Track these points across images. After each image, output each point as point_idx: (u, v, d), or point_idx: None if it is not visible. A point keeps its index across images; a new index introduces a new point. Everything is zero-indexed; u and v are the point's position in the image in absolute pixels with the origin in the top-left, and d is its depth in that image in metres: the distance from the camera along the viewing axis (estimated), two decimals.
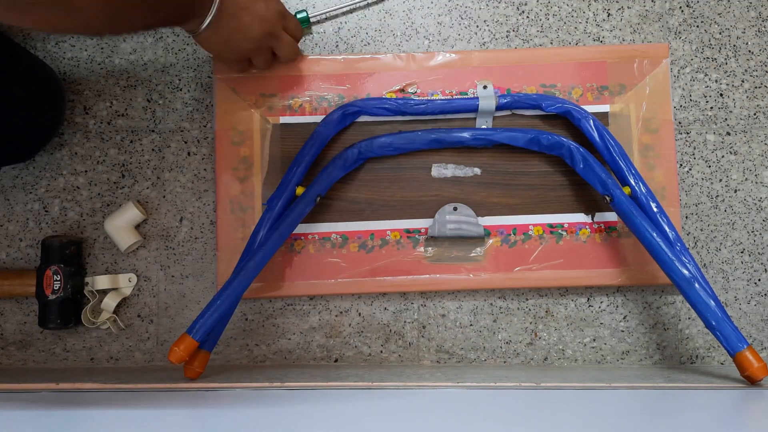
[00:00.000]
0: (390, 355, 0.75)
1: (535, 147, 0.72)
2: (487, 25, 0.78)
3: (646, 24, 0.77)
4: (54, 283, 0.71)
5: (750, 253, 0.75)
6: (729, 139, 0.76)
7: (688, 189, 0.76)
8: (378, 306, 0.75)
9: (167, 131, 0.76)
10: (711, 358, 0.75)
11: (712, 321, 0.62)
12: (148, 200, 0.75)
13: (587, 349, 0.75)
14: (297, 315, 0.75)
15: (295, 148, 0.73)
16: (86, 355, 0.75)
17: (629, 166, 0.69)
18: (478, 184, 0.74)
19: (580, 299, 0.75)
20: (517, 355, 0.75)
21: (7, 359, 0.75)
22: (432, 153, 0.74)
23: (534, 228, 0.74)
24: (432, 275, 0.73)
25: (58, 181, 0.76)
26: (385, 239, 0.74)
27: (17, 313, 0.75)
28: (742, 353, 0.61)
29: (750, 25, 0.77)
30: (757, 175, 0.76)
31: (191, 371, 0.65)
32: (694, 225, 0.76)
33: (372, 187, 0.74)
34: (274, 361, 0.74)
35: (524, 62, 0.75)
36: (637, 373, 0.69)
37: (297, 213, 0.68)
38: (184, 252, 0.75)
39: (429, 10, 0.78)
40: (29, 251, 0.75)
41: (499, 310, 0.75)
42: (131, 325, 0.75)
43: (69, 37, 0.77)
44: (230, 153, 0.74)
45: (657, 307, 0.75)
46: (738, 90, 0.77)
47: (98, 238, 0.75)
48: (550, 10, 0.78)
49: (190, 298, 0.75)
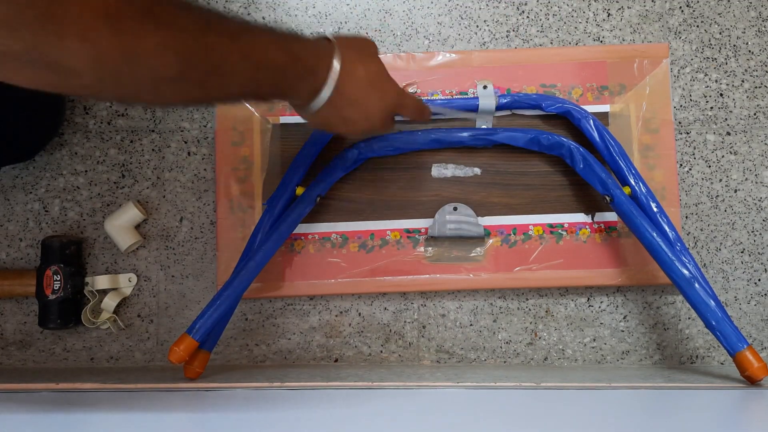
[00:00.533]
0: (390, 355, 0.75)
1: (535, 147, 0.72)
2: (487, 25, 0.78)
3: (646, 24, 0.77)
4: (54, 283, 0.71)
5: (750, 253, 0.75)
6: (729, 139, 0.76)
7: (688, 189, 0.76)
8: (378, 306, 0.75)
9: (167, 131, 0.76)
10: (711, 358, 0.75)
11: (712, 321, 0.62)
12: (148, 200, 0.75)
13: (587, 349, 0.75)
14: (297, 315, 0.75)
15: (295, 148, 0.73)
16: (86, 355, 0.75)
17: (629, 166, 0.69)
18: (478, 184, 0.74)
19: (580, 299, 0.75)
20: (517, 355, 0.75)
21: (7, 359, 0.75)
22: (432, 153, 0.74)
23: (534, 228, 0.74)
24: (432, 275, 0.73)
25: (58, 181, 0.76)
26: (385, 239, 0.74)
27: (17, 313, 0.75)
28: (742, 353, 0.61)
29: (750, 25, 0.77)
30: (757, 175, 0.76)
31: (191, 371, 0.65)
32: (694, 225, 0.76)
33: (372, 187, 0.74)
34: (274, 361, 0.74)
35: (524, 62, 0.75)
36: (637, 373, 0.69)
37: (297, 213, 0.68)
38: (184, 252, 0.75)
39: (429, 10, 0.78)
40: (29, 251, 0.75)
41: (499, 310, 0.75)
42: (131, 325, 0.75)
43: None
44: (230, 153, 0.74)
45: (657, 307, 0.75)
46: (738, 90, 0.77)
47: (98, 238, 0.75)
48: (550, 10, 0.78)
49: (190, 298, 0.75)
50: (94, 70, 0.36)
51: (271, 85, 0.48)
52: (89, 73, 0.36)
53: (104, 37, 0.35)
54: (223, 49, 0.41)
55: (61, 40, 0.33)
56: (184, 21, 0.39)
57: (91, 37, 0.34)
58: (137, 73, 0.37)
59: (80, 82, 0.36)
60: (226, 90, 0.45)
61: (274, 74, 0.47)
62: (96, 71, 0.36)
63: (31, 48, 0.33)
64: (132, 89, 0.39)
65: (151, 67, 0.38)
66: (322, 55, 0.51)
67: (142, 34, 0.36)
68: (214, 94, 0.45)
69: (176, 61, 0.39)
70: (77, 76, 0.36)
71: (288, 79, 0.48)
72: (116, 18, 0.35)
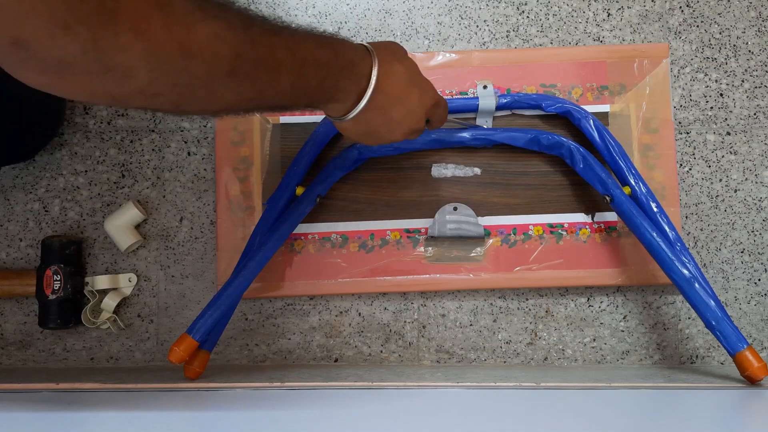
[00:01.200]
0: (390, 355, 0.75)
1: (535, 147, 0.72)
2: (487, 25, 0.78)
3: (646, 24, 0.77)
4: (54, 283, 0.71)
5: (750, 253, 0.75)
6: (729, 139, 0.76)
7: (688, 189, 0.76)
8: (378, 306, 0.75)
9: (167, 131, 0.76)
10: (711, 358, 0.75)
11: (712, 321, 0.62)
12: (148, 200, 0.76)
13: (587, 349, 0.75)
14: (297, 315, 0.75)
15: (295, 148, 0.73)
16: (86, 355, 0.75)
17: (629, 166, 0.69)
18: (478, 184, 0.74)
19: (580, 299, 0.75)
20: (517, 355, 0.75)
21: (7, 359, 0.75)
22: (432, 153, 0.74)
23: (534, 228, 0.74)
24: (432, 275, 0.73)
25: (58, 181, 0.76)
26: (385, 239, 0.74)
27: (17, 313, 0.75)
28: (742, 353, 0.61)
29: (750, 25, 0.77)
30: (757, 175, 0.76)
31: (191, 371, 0.65)
32: (694, 225, 0.76)
33: (372, 187, 0.74)
34: (274, 361, 0.74)
35: (524, 62, 0.75)
36: (637, 373, 0.69)
37: (297, 213, 0.68)
38: (184, 252, 0.75)
39: (429, 10, 0.78)
40: (29, 251, 0.75)
41: (499, 310, 0.75)
42: (131, 325, 0.75)
43: None
44: (230, 153, 0.74)
45: (657, 307, 0.75)
46: (738, 90, 0.77)
47: (98, 238, 0.75)
48: (550, 10, 0.78)
49: (190, 298, 0.75)
50: (150, 68, 0.35)
51: (317, 84, 0.46)
52: (145, 72, 0.35)
53: (157, 29, 0.34)
54: (267, 41, 0.41)
55: (116, 35, 0.33)
56: (229, 14, 0.39)
57: (145, 29, 0.33)
58: (192, 68, 0.37)
59: (136, 84, 0.36)
60: (276, 87, 0.44)
61: (319, 70, 0.46)
62: (151, 68, 0.35)
63: (89, 47, 0.32)
64: (187, 89, 0.38)
65: (205, 60, 0.37)
66: (360, 53, 0.50)
67: (194, 25, 0.36)
68: (267, 94, 0.44)
69: (229, 53, 0.38)
70: (133, 77, 0.35)
71: (333, 75, 0.47)
72: (168, 9, 0.34)
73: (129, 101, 0.38)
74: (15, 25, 0.30)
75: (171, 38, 0.35)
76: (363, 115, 0.51)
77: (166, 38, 0.35)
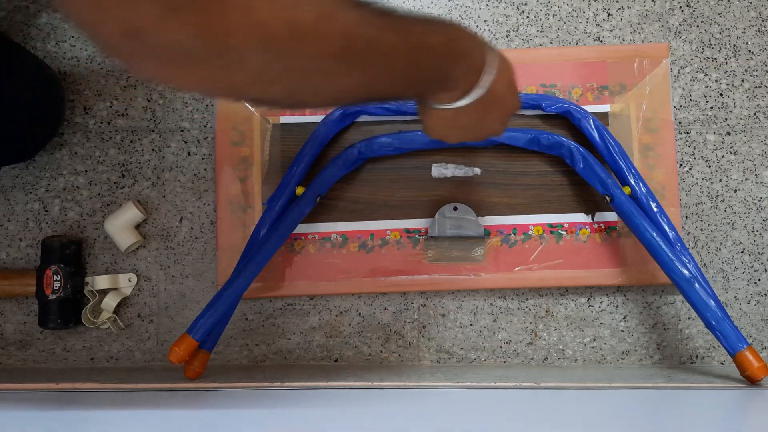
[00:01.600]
0: (390, 355, 0.75)
1: (535, 147, 0.72)
2: (487, 25, 0.78)
3: (646, 24, 0.77)
4: (54, 283, 0.71)
5: (750, 253, 0.75)
6: (729, 139, 0.76)
7: (688, 189, 0.76)
8: (378, 306, 0.75)
9: (167, 131, 0.76)
10: (711, 358, 0.75)
11: (712, 321, 0.62)
12: (148, 200, 0.76)
13: (587, 349, 0.75)
14: (297, 315, 0.75)
15: (295, 148, 0.73)
16: (86, 355, 0.75)
17: (629, 166, 0.69)
18: (478, 184, 0.74)
19: (580, 299, 0.75)
20: (517, 355, 0.75)
21: (7, 359, 0.75)
22: (432, 153, 0.74)
23: (534, 228, 0.74)
24: (432, 275, 0.73)
25: (58, 181, 0.76)
26: (385, 239, 0.74)
27: (17, 313, 0.75)
28: (742, 353, 0.61)
29: (750, 25, 0.77)
30: (757, 175, 0.76)
31: (191, 371, 0.65)
32: (694, 225, 0.76)
33: (372, 187, 0.74)
34: (274, 361, 0.74)
35: (524, 62, 0.75)
36: (637, 373, 0.69)
37: (297, 213, 0.68)
38: (184, 252, 0.75)
39: (429, 10, 0.78)
40: (29, 251, 0.75)
41: (499, 310, 0.75)
42: (131, 325, 0.75)
43: (69, 36, 0.77)
44: (230, 153, 0.74)
45: (657, 307, 0.75)
46: (738, 90, 0.77)
47: (98, 238, 0.75)
48: (550, 10, 0.78)
49: (190, 298, 0.75)
50: (261, 48, 0.34)
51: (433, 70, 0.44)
52: (256, 54, 0.34)
53: (264, 6, 0.33)
54: (376, 22, 0.39)
55: (225, 15, 0.32)
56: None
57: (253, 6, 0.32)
58: (302, 48, 0.35)
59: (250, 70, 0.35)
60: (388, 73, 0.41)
61: (434, 56, 0.43)
62: (263, 49, 0.34)
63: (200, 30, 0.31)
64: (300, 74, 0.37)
65: (314, 40, 0.36)
66: (477, 42, 0.47)
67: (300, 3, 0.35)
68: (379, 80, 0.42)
69: (337, 32, 0.36)
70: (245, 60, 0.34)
71: (448, 63, 0.45)
72: None
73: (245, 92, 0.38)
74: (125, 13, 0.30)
75: (278, 15, 0.34)
76: (469, 107, 0.48)
77: (273, 15, 0.33)
